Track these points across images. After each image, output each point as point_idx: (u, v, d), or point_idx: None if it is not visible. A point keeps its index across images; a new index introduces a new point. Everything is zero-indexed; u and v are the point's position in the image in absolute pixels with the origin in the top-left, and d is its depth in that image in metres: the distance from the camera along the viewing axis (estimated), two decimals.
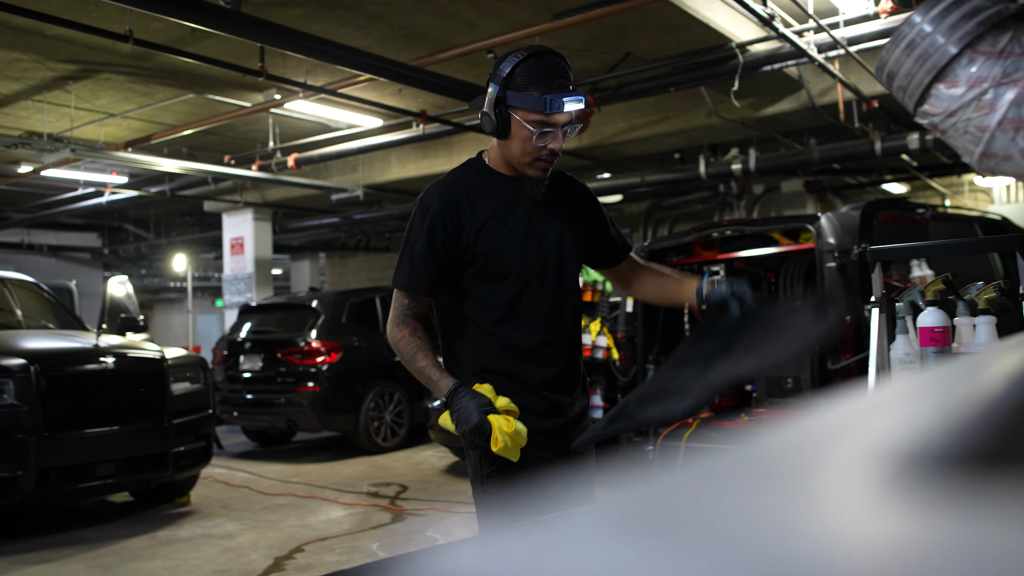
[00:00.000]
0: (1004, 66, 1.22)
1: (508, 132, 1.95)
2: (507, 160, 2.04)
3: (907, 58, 1.28)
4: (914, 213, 5.81)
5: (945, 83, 1.26)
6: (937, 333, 2.39)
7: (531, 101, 1.89)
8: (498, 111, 1.93)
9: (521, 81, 1.90)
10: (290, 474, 7.83)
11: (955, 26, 1.23)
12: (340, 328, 8.82)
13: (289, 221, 13.41)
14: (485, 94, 2.00)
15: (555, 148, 1.95)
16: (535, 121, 1.90)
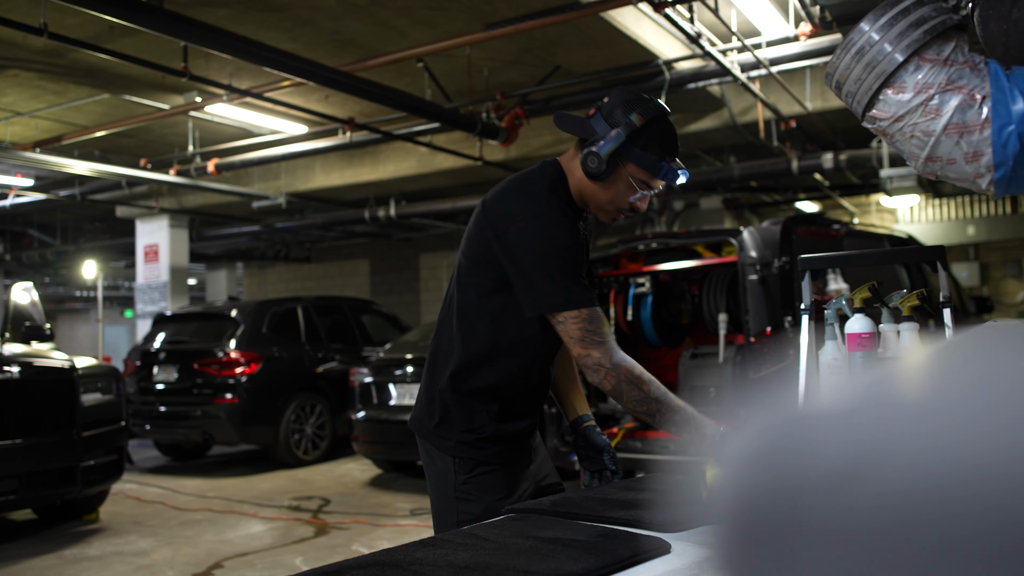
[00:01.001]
0: (949, 73, 1.27)
1: (607, 179, 1.88)
2: (585, 197, 1.95)
3: (856, 64, 1.33)
4: (830, 228, 6.03)
5: (893, 88, 1.31)
6: (864, 339, 2.47)
7: (649, 163, 1.84)
8: (611, 158, 1.84)
9: (647, 140, 1.84)
10: (206, 489, 7.57)
11: (902, 34, 1.28)
12: (261, 338, 8.60)
13: (207, 229, 13.03)
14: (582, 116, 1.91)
15: (640, 208, 1.94)
16: (641, 181, 1.87)
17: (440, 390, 2.00)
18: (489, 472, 2.00)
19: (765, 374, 5.42)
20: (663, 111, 1.88)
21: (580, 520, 1.77)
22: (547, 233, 1.85)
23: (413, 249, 16.12)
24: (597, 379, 1.83)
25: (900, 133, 1.35)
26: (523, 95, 7.00)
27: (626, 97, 1.88)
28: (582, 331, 1.83)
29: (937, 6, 1.31)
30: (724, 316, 5.94)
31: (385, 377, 7.43)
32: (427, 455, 2.09)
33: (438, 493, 2.06)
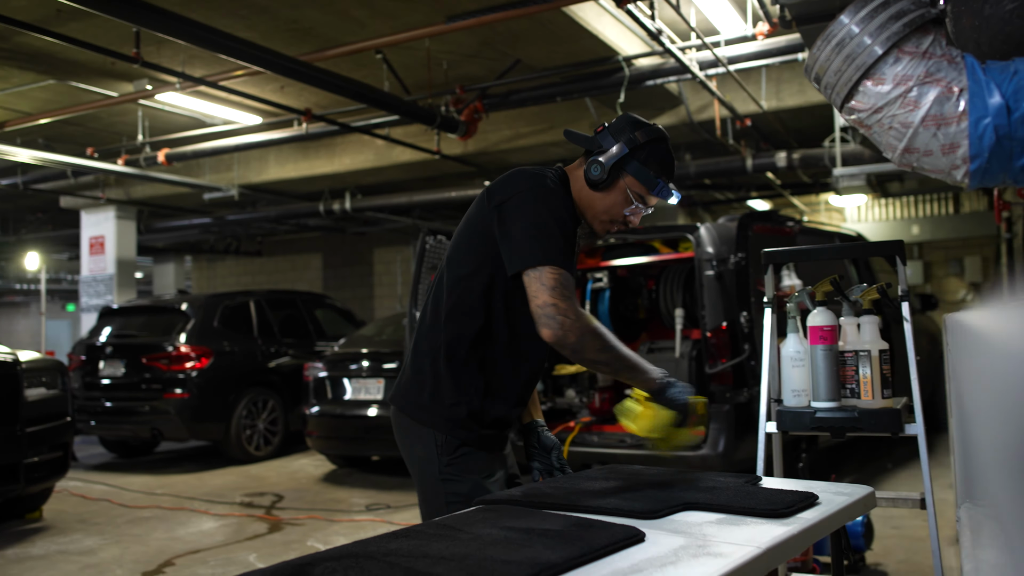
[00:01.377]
0: (927, 66, 1.30)
1: (607, 189, 2.01)
2: (584, 205, 2.06)
3: (836, 56, 1.35)
4: (784, 226, 6.13)
5: (873, 80, 1.33)
6: (826, 332, 2.52)
7: (646, 179, 1.99)
8: (613, 169, 1.98)
9: (647, 156, 1.99)
10: (155, 486, 7.41)
11: (883, 27, 1.30)
12: (212, 332, 8.44)
13: (155, 221, 12.72)
14: (590, 134, 2.05)
15: (633, 222, 2.07)
16: (637, 194, 2.01)
17: (432, 362, 2.05)
18: (468, 454, 2.04)
19: (720, 369, 5.50)
20: (665, 136, 2.05)
21: (551, 510, 1.77)
22: (543, 204, 1.94)
23: (367, 243, 15.97)
24: (560, 331, 1.86)
25: (878, 124, 1.37)
26: (483, 89, 6.97)
27: (633, 119, 2.05)
28: (555, 282, 1.88)
29: (915, 0, 1.34)
30: (680, 311, 6.00)
31: (340, 372, 7.35)
32: (407, 438, 2.11)
33: (422, 478, 2.08)
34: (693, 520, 1.67)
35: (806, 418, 2.52)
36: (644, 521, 1.67)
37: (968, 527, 1.46)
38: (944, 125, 1.27)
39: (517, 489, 1.99)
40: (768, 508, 1.71)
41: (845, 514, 1.79)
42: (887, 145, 1.39)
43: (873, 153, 7.16)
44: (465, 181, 10.95)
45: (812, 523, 1.65)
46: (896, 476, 6.41)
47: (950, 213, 12.78)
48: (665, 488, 1.93)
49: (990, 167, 1.29)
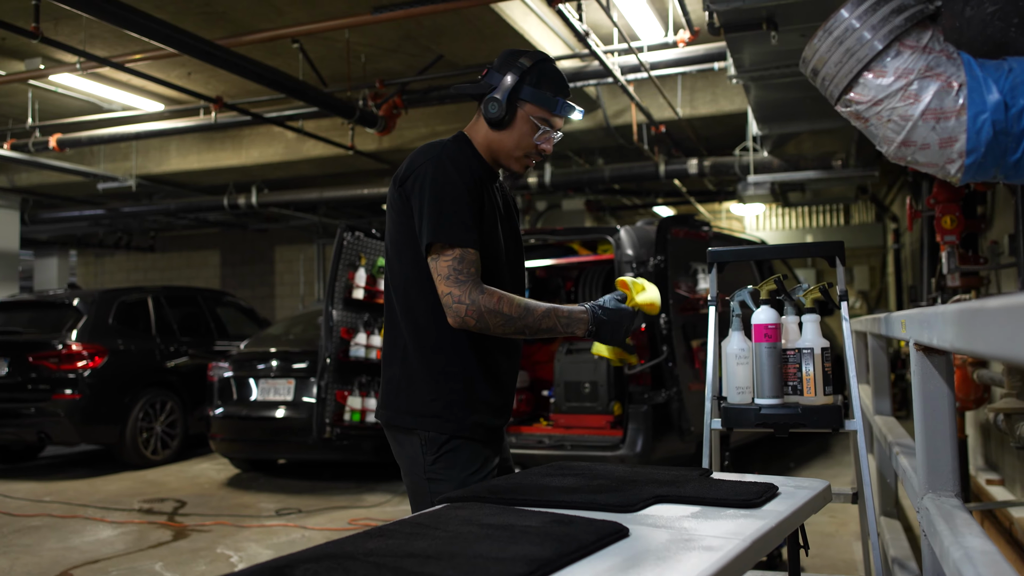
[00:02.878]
0: (927, 60, 1.33)
1: (510, 124, 1.96)
2: (493, 150, 2.01)
3: (837, 49, 1.37)
4: (700, 230, 6.28)
5: (874, 73, 1.35)
6: (771, 329, 2.57)
7: (545, 100, 1.94)
8: (509, 101, 1.93)
9: (538, 78, 1.95)
10: (42, 492, 6.94)
11: (884, 20, 1.32)
12: (106, 330, 7.99)
13: (41, 211, 11.94)
14: (479, 80, 2.00)
15: (546, 150, 2.01)
16: (541, 119, 1.96)
17: (399, 364, 2.00)
18: (455, 449, 1.97)
19: (639, 370, 5.57)
20: (549, 57, 2.03)
21: (522, 506, 1.73)
22: (441, 173, 1.90)
23: (268, 241, 15.51)
24: (459, 319, 1.85)
25: (877, 117, 1.39)
26: (403, 84, 6.86)
27: (511, 51, 2.03)
28: (449, 269, 1.86)
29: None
30: None
31: (246, 372, 7.09)
32: (396, 443, 2.06)
33: (412, 480, 2.02)
34: (669, 514, 1.66)
35: (751, 415, 2.56)
36: (620, 515, 1.65)
37: (939, 516, 1.50)
38: (943, 119, 1.30)
39: (478, 486, 1.93)
40: (739, 499, 1.72)
41: (810, 506, 1.82)
42: (884, 138, 1.42)
43: (781, 163, 7.45)
44: (377, 178, 10.77)
45: (785, 516, 1.66)
46: (799, 475, 6.66)
47: (840, 224, 13.44)
48: (627, 482, 1.92)
49: (985, 162, 1.34)
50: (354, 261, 5.97)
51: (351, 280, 5.91)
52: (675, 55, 6.21)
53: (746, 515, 1.63)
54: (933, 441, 1.64)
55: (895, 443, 2.46)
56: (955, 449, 1.65)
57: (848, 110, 1.45)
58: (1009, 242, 4.03)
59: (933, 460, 1.66)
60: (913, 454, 2.32)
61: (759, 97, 5.81)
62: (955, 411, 1.69)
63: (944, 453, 1.66)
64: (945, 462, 1.66)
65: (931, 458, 1.66)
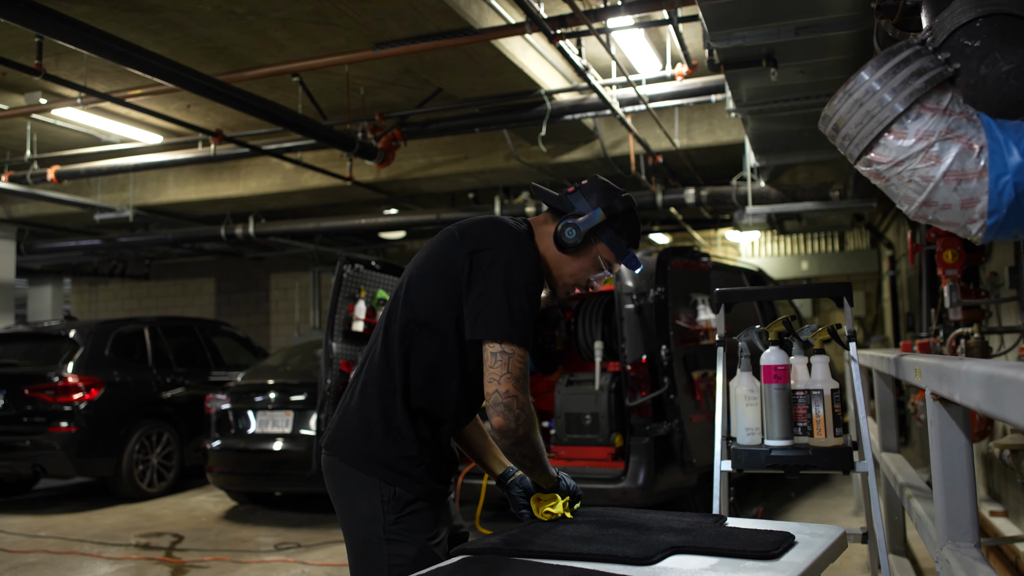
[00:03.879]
0: (948, 123, 1.35)
1: (577, 253, 1.97)
2: (547, 265, 2.00)
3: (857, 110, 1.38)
4: (700, 261, 6.29)
5: (894, 135, 1.37)
6: (780, 371, 2.57)
7: (618, 247, 1.97)
8: (587, 234, 1.94)
9: (620, 225, 1.98)
10: (37, 527, 6.87)
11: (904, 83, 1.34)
12: (102, 361, 7.95)
13: (37, 241, 11.91)
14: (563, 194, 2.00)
15: (595, 287, 2.05)
16: (605, 262, 1.99)
17: (384, 408, 1.92)
18: (419, 511, 1.91)
19: (640, 402, 5.56)
20: (634, 205, 2.04)
21: (541, 559, 1.71)
22: (521, 269, 1.88)
23: (263, 269, 15.49)
24: (514, 424, 1.82)
25: (898, 177, 1.41)
26: (402, 117, 6.90)
27: (606, 183, 2.02)
28: (519, 371, 1.83)
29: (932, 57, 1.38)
30: (600, 344, 6.05)
31: (244, 404, 7.05)
32: (346, 490, 1.96)
33: (361, 534, 1.93)
34: (688, 567, 1.65)
35: (761, 456, 2.55)
36: (638, 568, 1.64)
37: (961, 570, 1.50)
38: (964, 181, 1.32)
39: (496, 536, 1.92)
40: (757, 550, 1.71)
41: (828, 556, 1.81)
42: (904, 197, 1.43)
43: (778, 192, 7.50)
44: (374, 208, 10.80)
45: (804, 567, 1.65)
46: (801, 505, 6.64)
47: (835, 251, 13.49)
48: (642, 530, 1.91)
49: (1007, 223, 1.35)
50: (354, 293, 5.96)
51: (351, 312, 5.90)
52: (673, 88, 6.27)
53: (765, 568, 1.63)
54: (952, 492, 1.64)
55: (907, 485, 2.45)
56: (974, 500, 1.65)
57: (869, 169, 1.47)
58: (1009, 274, 4.05)
59: (952, 511, 1.66)
60: (926, 498, 2.32)
61: (756, 129, 5.86)
62: (973, 460, 1.69)
63: (963, 504, 1.66)
64: (964, 513, 1.66)
65: (950, 508, 1.66)
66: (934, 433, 1.70)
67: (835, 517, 6.04)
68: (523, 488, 2.11)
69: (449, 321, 1.90)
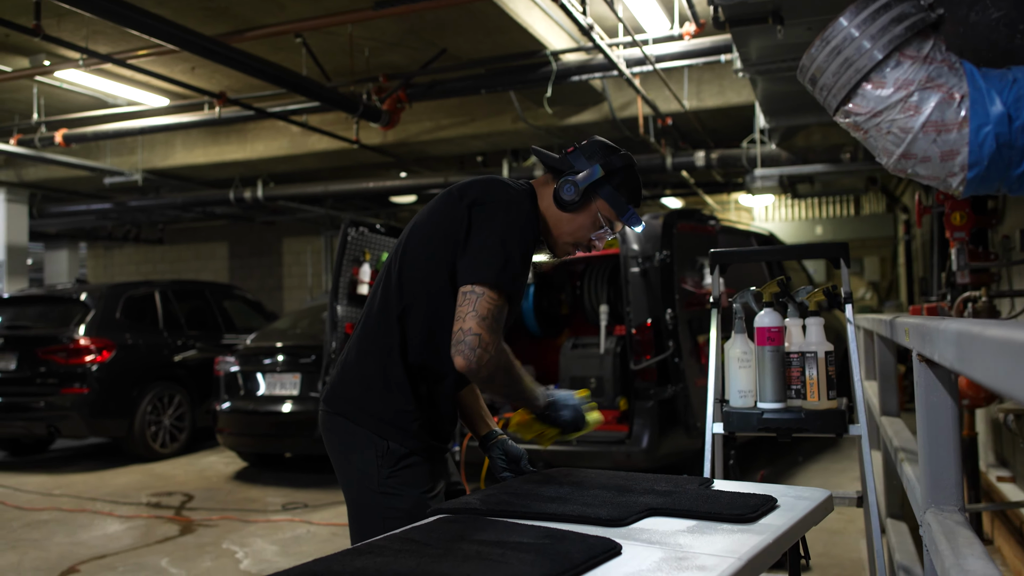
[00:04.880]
0: (928, 71, 1.29)
1: (577, 211, 1.95)
2: (547, 225, 1.99)
3: (834, 59, 1.33)
4: (707, 224, 6.23)
5: (872, 84, 1.31)
6: (774, 332, 2.54)
7: (618, 204, 1.95)
8: (586, 191, 1.93)
9: (621, 182, 1.96)
10: (52, 486, 6.98)
11: (884, 30, 1.28)
12: (114, 324, 8.02)
13: (49, 205, 11.97)
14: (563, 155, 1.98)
15: (596, 246, 2.03)
16: (606, 219, 1.97)
17: (382, 364, 1.93)
18: (413, 465, 1.93)
19: (645, 365, 5.54)
20: (635, 163, 2.02)
21: (517, 519, 1.70)
22: (516, 222, 1.88)
23: (275, 233, 15.52)
24: (474, 363, 1.80)
25: (876, 129, 1.36)
26: (407, 78, 6.81)
27: (604, 143, 2.00)
28: (489, 312, 1.81)
29: (915, 3, 1.32)
30: (605, 307, 6.02)
31: (253, 366, 7.09)
32: (342, 444, 1.98)
33: (357, 488, 1.96)
34: (662, 528, 1.63)
35: (753, 419, 2.53)
36: (612, 529, 1.63)
37: (941, 534, 1.47)
38: (944, 132, 1.27)
39: (474, 496, 1.91)
40: (733, 513, 1.69)
41: (810, 519, 1.79)
42: (883, 150, 1.38)
43: (789, 155, 7.38)
44: (382, 172, 10.74)
45: (783, 530, 1.63)
46: (808, 470, 6.62)
47: (851, 215, 13.32)
48: (622, 492, 1.89)
49: (988, 175, 1.30)
50: (358, 256, 5.95)
51: (355, 276, 5.89)
52: (681, 48, 6.15)
53: (742, 530, 1.61)
54: (936, 454, 1.61)
55: (900, 448, 2.42)
56: (958, 462, 1.62)
57: (847, 121, 1.41)
58: (1020, 238, 3.97)
59: (936, 473, 1.63)
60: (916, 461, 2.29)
61: (766, 90, 5.75)
62: (959, 422, 1.66)
63: (947, 466, 1.62)
64: (948, 475, 1.63)
65: (933, 471, 1.63)
66: (920, 395, 1.67)
67: (841, 482, 6.02)
68: (504, 451, 2.11)
69: (446, 277, 1.89)
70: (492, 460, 2.13)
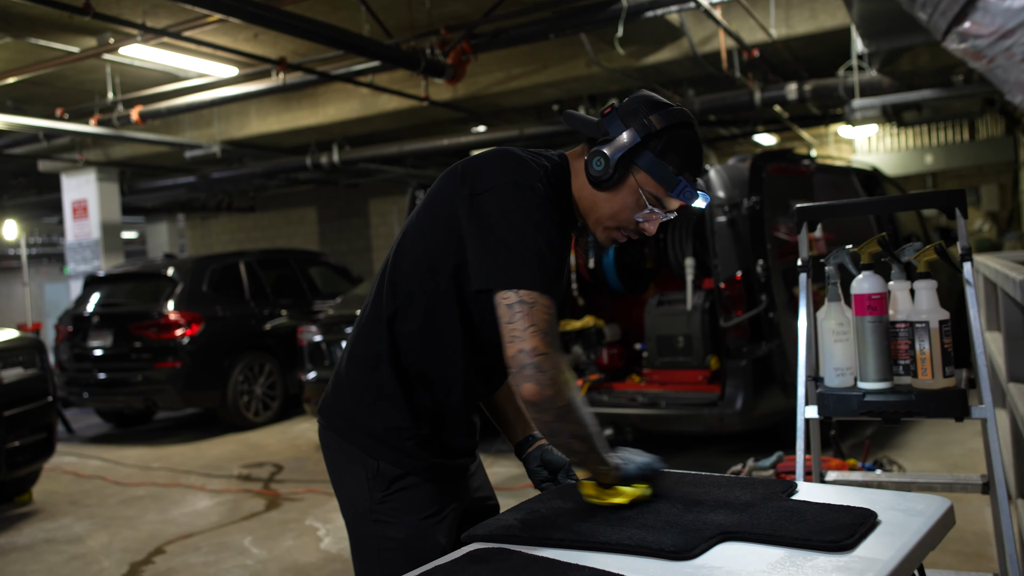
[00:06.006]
0: None
1: (613, 189, 1.57)
2: (583, 206, 1.63)
3: None
4: (800, 165, 5.72)
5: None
6: (875, 300, 2.16)
7: (663, 176, 1.54)
8: (620, 163, 1.54)
9: (665, 147, 1.54)
10: (150, 459, 7.17)
11: None
12: (201, 297, 8.12)
13: (139, 181, 12.24)
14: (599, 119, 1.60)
15: (647, 230, 1.62)
16: (652, 196, 1.56)
17: (371, 371, 1.64)
18: (410, 487, 1.64)
19: (736, 321, 5.15)
20: (689, 119, 1.59)
21: (564, 549, 1.44)
22: (530, 211, 1.52)
23: (361, 195, 15.54)
24: (549, 389, 1.45)
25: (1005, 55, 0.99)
26: (469, 28, 6.47)
27: (648, 98, 1.59)
28: (546, 322, 1.47)
29: None
30: (691, 260, 5.64)
31: (335, 335, 7.03)
32: (335, 463, 1.72)
33: (351, 512, 1.71)
34: (739, 564, 1.33)
35: (853, 402, 2.17)
36: (679, 564, 1.34)
37: None
38: None
39: (512, 514, 1.64)
40: (826, 540, 1.37)
41: (926, 543, 1.45)
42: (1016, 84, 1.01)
43: (892, 81, 6.69)
44: (457, 128, 10.47)
45: (892, 567, 1.30)
46: (918, 429, 6.09)
47: (964, 140, 12.28)
48: (690, 507, 1.59)
49: None
50: None
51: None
52: None
53: (839, 567, 1.29)
54: None
55: None
56: None
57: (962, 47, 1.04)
58: None
59: None
60: None
61: (863, 9, 5.15)
62: None
63: None
64: None
65: None
66: None
67: (958, 452, 5.48)
68: (544, 462, 1.81)
69: (447, 272, 1.58)
70: (530, 471, 1.85)
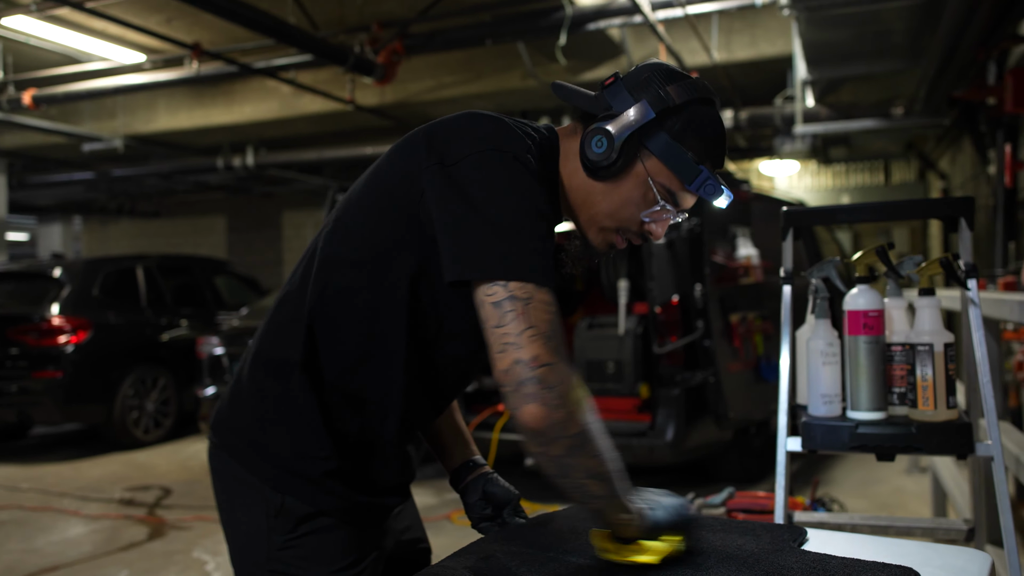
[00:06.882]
0: None
1: (615, 178, 1.20)
2: (576, 201, 1.25)
3: None
4: (739, 190, 5.56)
5: None
6: (871, 318, 1.88)
7: (681, 164, 1.18)
8: (627, 145, 1.17)
9: (684, 127, 1.18)
10: (19, 478, 6.42)
11: None
12: (90, 301, 7.43)
13: (30, 175, 11.33)
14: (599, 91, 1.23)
15: (654, 233, 1.24)
16: (663, 188, 1.20)
17: (282, 382, 1.23)
18: (322, 531, 1.24)
19: (671, 348, 4.90)
20: (712, 95, 1.24)
21: None
22: (517, 183, 1.13)
23: (275, 205, 14.90)
24: (556, 408, 1.05)
25: None
26: (404, 26, 6.11)
27: (662, 66, 1.24)
28: (550, 324, 1.09)
29: None
30: (625, 283, 5.38)
31: (239, 348, 6.49)
32: (226, 491, 1.32)
33: (241, 558, 1.30)
34: None
35: (844, 433, 1.88)
36: None
37: None
38: None
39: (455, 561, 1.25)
40: None
41: None
42: None
43: (830, 112, 6.67)
44: (382, 136, 10.05)
45: None
46: (833, 476, 5.97)
47: (880, 184, 12.60)
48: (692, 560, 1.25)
49: None
50: None
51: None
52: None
53: None
54: None
55: None
56: None
57: None
58: None
59: None
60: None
61: (809, 35, 5.04)
62: None
63: None
64: None
65: None
66: None
67: (884, 488, 5.37)
68: (486, 495, 1.44)
69: (399, 269, 1.19)
70: (467, 504, 1.47)
